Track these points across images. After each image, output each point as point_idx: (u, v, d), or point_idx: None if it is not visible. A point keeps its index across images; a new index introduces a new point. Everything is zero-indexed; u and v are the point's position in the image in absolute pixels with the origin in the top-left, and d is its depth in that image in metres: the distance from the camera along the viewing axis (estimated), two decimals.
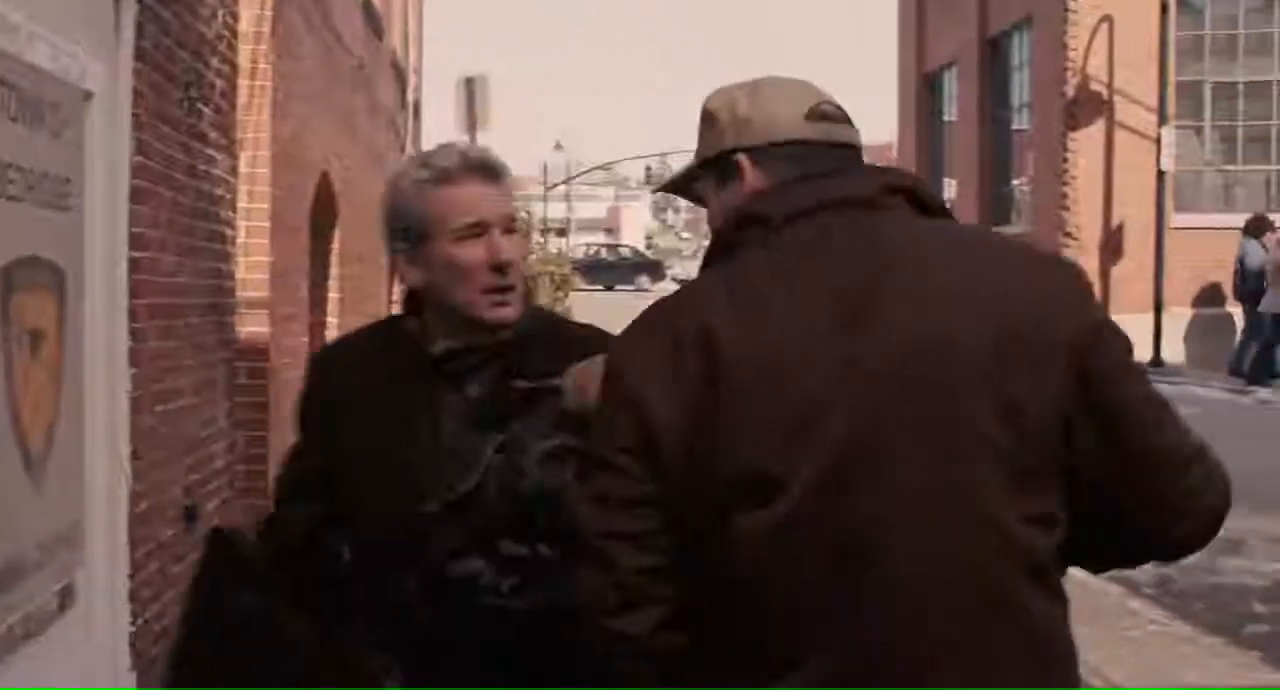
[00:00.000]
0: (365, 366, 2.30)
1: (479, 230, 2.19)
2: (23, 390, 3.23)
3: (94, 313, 3.95)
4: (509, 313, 2.21)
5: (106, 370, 4.06)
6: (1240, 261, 16.18)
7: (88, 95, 3.84)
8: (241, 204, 6.33)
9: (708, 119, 2.02)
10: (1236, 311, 17.08)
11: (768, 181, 1.94)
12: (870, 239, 1.85)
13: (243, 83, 6.42)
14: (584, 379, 2.05)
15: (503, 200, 2.25)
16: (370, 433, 2.23)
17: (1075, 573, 1.95)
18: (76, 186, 3.73)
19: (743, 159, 1.97)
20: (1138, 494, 1.82)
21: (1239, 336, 16.45)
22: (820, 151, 1.96)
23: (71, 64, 3.67)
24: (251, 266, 6.63)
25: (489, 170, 2.23)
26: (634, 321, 1.94)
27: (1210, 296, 18.29)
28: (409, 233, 2.22)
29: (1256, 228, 16.28)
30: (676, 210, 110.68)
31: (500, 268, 2.19)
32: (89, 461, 3.88)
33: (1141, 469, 1.81)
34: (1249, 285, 15.96)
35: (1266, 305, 15.41)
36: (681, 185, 2.11)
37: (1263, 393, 14.95)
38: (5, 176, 3.09)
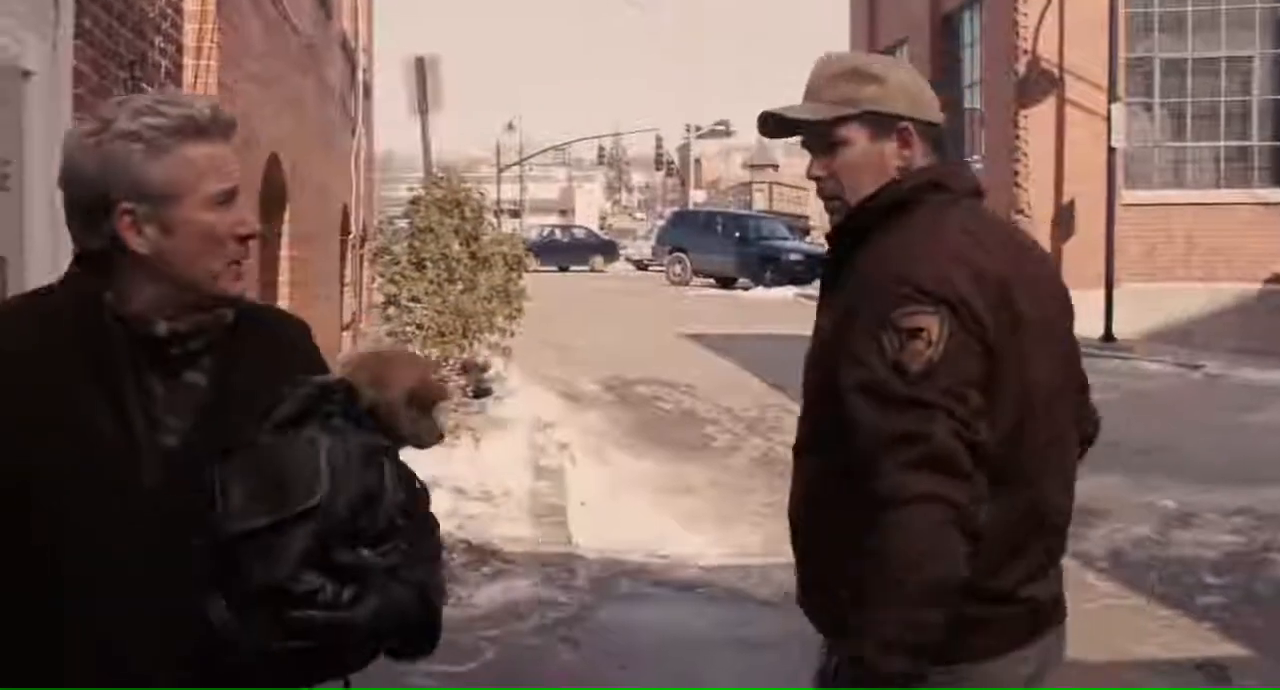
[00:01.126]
0: (41, 346, 1.92)
1: (232, 196, 1.97)
2: None
3: None
4: (244, 286, 2.03)
5: None
6: None
7: (26, 74, 3.77)
8: None
9: (872, 77, 2.30)
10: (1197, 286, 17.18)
11: (929, 156, 2.32)
12: (1002, 224, 2.40)
13: (188, 62, 6.34)
14: (378, 370, 1.93)
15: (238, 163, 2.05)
16: (65, 429, 1.89)
17: None
18: (15, 167, 3.66)
19: (911, 129, 2.30)
20: (1084, 408, 2.50)
21: None
22: (947, 140, 2.40)
23: (9, 42, 3.61)
24: None
25: (232, 127, 1.99)
26: (931, 255, 2.18)
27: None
28: (143, 192, 1.90)
29: None
30: (630, 190, 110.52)
31: (246, 238, 1.99)
32: None
33: (1084, 389, 2.51)
34: None
35: None
36: (824, 121, 2.31)
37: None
38: None
